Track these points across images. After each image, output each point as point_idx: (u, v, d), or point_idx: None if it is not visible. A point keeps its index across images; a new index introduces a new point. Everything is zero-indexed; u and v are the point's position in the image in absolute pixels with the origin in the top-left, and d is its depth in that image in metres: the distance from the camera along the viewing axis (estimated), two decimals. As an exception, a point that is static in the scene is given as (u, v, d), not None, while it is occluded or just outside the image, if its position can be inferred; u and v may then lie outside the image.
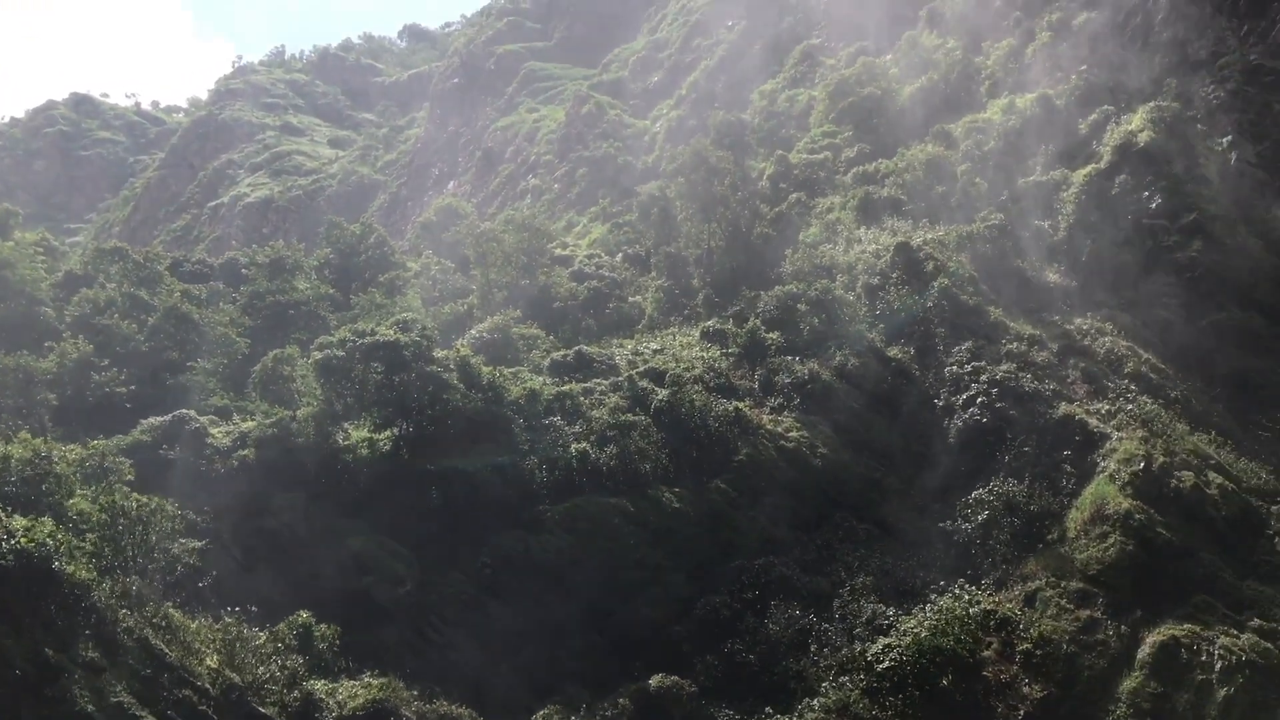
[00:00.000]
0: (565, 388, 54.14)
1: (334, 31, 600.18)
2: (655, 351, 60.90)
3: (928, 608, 42.00)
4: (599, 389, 54.74)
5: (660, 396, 52.90)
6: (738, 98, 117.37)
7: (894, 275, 60.79)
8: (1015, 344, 55.31)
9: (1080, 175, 65.42)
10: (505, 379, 52.83)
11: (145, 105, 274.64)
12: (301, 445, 48.09)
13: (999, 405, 51.92)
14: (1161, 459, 46.04)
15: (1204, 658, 39.04)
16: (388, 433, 49.53)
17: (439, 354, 52.48)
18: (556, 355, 59.84)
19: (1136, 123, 65.54)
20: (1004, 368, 53.59)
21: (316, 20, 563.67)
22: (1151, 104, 66.65)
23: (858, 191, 74.87)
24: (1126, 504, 44.29)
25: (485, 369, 52.82)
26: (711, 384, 55.37)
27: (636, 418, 51.65)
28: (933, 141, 76.05)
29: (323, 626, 39.20)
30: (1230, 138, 64.41)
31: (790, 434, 53.32)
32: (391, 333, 51.51)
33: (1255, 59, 65.55)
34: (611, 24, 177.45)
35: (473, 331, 64.19)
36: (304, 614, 39.06)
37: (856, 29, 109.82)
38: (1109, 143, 65.92)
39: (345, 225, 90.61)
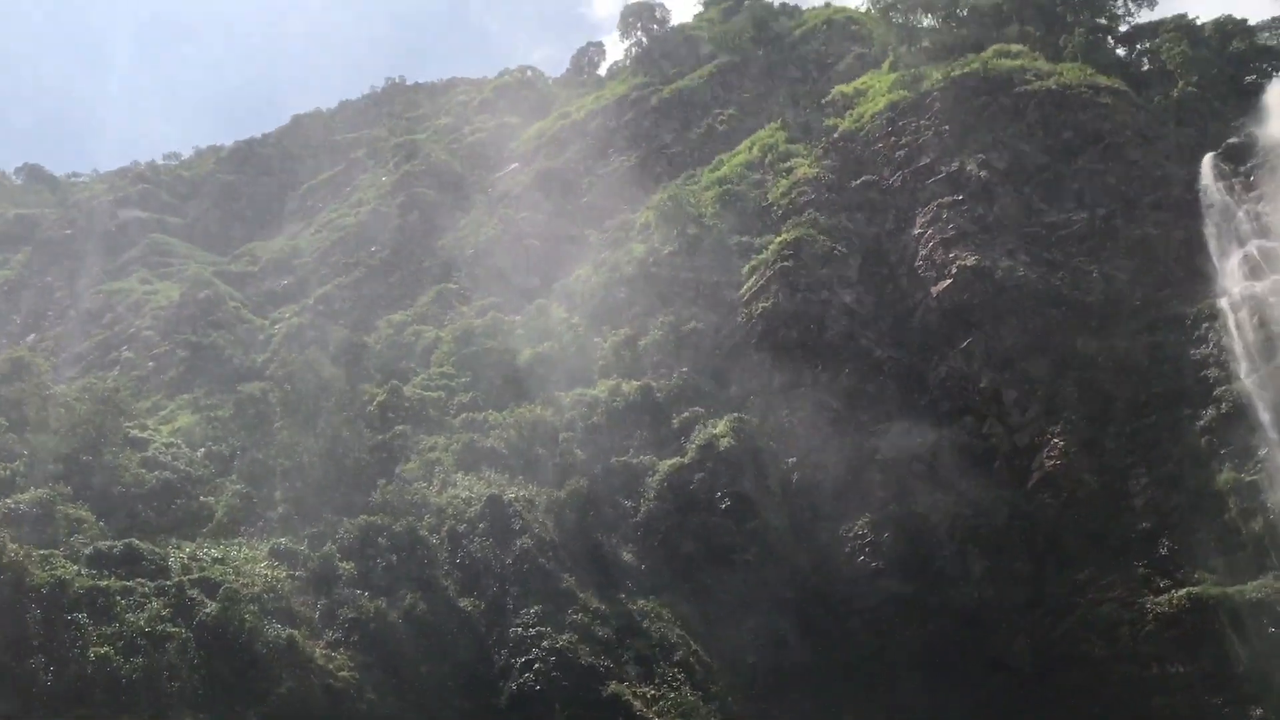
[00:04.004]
0: (103, 583, 48.76)
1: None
2: (215, 560, 56.55)
3: None
4: (141, 590, 49.74)
5: (209, 610, 48.88)
6: (365, 320, 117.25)
7: (480, 526, 61.08)
8: (581, 615, 56.50)
9: (665, 465, 70.30)
10: (32, 561, 46.86)
11: None
12: None
13: (554, 674, 52.31)
14: (694, 750, 47.82)
15: None
16: None
17: (-41, 520, 45.98)
18: (102, 545, 54.04)
19: (720, 429, 71.92)
20: (566, 637, 54.38)
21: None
22: (735, 415, 73.67)
23: (463, 436, 75.72)
24: (655, 791, 45.26)
25: (12, 545, 46.70)
26: (269, 606, 51.93)
27: (177, 629, 47.26)
28: (542, 405, 79.11)
29: None
30: (795, 459, 72.03)
31: (341, 673, 50.55)
32: (-95, 486, 44.74)
33: (823, 398, 74.55)
34: (254, 218, 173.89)
35: (9, 500, 57.14)
36: None
37: (495, 285, 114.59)
38: (695, 441, 71.65)
39: (-114, 355, 79.66)
